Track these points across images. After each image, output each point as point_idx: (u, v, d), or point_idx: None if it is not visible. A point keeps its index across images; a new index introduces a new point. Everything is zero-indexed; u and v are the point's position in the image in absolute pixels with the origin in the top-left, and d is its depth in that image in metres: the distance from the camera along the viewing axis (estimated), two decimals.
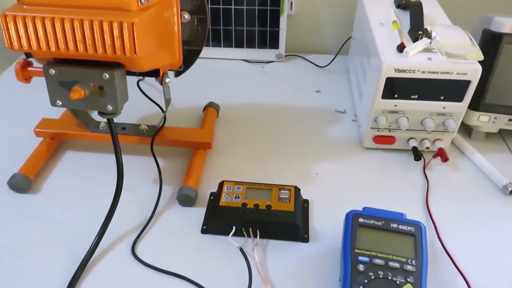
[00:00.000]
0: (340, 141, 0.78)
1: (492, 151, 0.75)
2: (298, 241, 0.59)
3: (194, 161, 0.68)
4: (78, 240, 0.59)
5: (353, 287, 0.48)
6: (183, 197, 0.63)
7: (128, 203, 0.64)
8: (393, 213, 0.56)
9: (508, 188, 0.66)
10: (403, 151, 0.75)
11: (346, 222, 0.55)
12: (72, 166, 0.71)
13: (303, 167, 0.72)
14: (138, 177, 0.69)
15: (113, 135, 0.57)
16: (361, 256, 0.51)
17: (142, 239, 0.59)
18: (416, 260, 0.50)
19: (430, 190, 0.67)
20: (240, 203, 0.60)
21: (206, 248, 0.58)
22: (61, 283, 0.53)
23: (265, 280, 0.54)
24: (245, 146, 0.76)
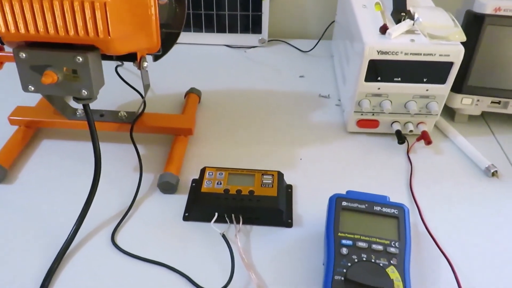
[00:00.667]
0: (324, 126, 0.77)
1: (475, 134, 0.75)
2: (282, 226, 0.59)
3: (175, 147, 0.67)
4: (55, 230, 0.57)
5: (337, 271, 0.47)
6: (164, 184, 0.61)
7: (107, 191, 0.63)
8: (376, 196, 0.55)
9: (491, 170, 0.67)
10: (386, 135, 0.74)
11: (329, 206, 0.54)
12: (49, 155, 0.69)
13: (286, 153, 0.71)
14: (118, 165, 0.67)
15: (89, 121, 0.56)
16: (344, 240, 0.50)
17: (122, 228, 0.58)
18: (399, 242, 0.50)
19: (414, 173, 0.67)
20: (222, 189, 0.59)
21: (188, 236, 0.57)
22: (38, 274, 0.52)
23: (248, 266, 0.53)
24: (228, 132, 0.75)
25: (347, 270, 0.47)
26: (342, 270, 0.47)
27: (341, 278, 0.47)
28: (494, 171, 0.66)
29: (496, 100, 0.73)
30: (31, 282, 0.51)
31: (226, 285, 0.50)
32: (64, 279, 0.52)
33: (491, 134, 0.76)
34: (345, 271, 0.47)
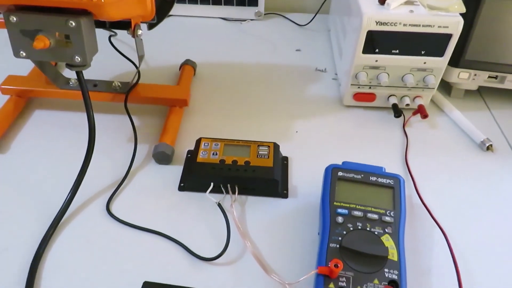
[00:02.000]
0: (320, 100, 0.76)
1: (471, 109, 0.75)
2: (277, 197, 0.59)
3: (170, 118, 0.66)
4: (49, 199, 0.57)
5: (332, 239, 0.48)
6: (159, 155, 0.61)
7: (101, 162, 0.62)
8: (372, 167, 0.55)
9: (486, 144, 0.67)
10: (383, 108, 0.74)
11: (325, 176, 0.54)
12: (42, 125, 0.68)
13: (282, 125, 0.70)
14: (111, 136, 0.66)
15: (83, 89, 0.54)
16: (340, 209, 0.50)
17: (117, 197, 0.58)
18: (394, 212, 0.50)
19: (409, 147, 0.67)
20: (218, 160, 0.58)
21: (183, 205, 0.57)
22: (33, 241, 0.51)
23: (243, 235, 0.53)
24: (223, 104, 0.74)
25: (343, 238, 0.47)
26: (337, 238, 0.48)
27: (336, 246, 0.47)
28: (489, 145, 0.66)
29: (493, 75, 0.73)
30: (26, 249, 0.51)
31: (222, 253, 0.51)
32: (59, 246, 0.52)
33: (487, 109, 0.76)
34: (341, 239, 0.47)
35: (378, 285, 0.44)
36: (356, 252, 0.46)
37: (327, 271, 0.44)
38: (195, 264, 0.50)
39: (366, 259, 0.46)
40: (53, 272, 0.49)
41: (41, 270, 0.49)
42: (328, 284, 0.44)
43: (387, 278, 0.45)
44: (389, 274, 0.45)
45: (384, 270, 0.45)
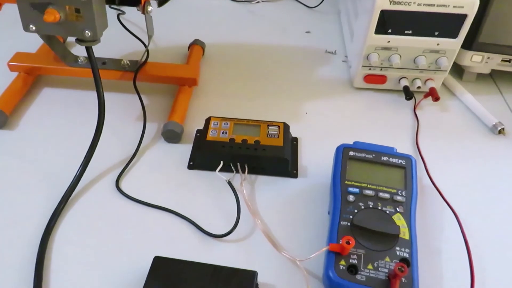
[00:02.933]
0: (330, 82, 0.75)
1: (483, 92, 0.74)
2: (287, 176, 0.58)
3: (179, 98, 0.66)
4: (59, 175, 0.56)
5: (343, 217, 0.47)
6: (169, 133, 0.60)
7: (110, 140, 0.62)
8: (383, 147, 0.55)
9: (497, 128, 0.66)
10: (393, 91, 0.73)
11: (336, 155, 0.54)
12: (50, 103, 0.67)
13: (292, 106, 0.70)
14: (120, 114, 0.66)
15: (92, 64, 0.54)
16: (351, 187, 0.50)
17: (126, 175, 0.57)
18: (406, 191, 0.50)
19: (420, 129, 0.67)
20: (228, 138, 0.58)
21: (192, 183, 0.57)
22: (44, 215, 0.51)
23: (253, 212, 0.53)
24: (233, 85, 0.73)
25: (354, 216, 0.47)
26: (348, 216, 0.47)
27: (348, 224, 0.47)
28: (501, 129, 0.66)
29: (506, 58, 0.72)
30: (36, 223, 0.51)
31: (232, 230, 0.50)
32: (70, 220, 0.52)
33: (499, 93, 0.75)
34: (352, 217, 0.47)
35: (389, 263, 0.44)
36: (368, 230, 0.46)
37: (338, 248, 0.44)
38: (205, 241, 0.50)
39: (377, 237, 0.46)
40: (63, 246, 0.49)
41: (51, 243, 0.49)
42: (339, 261, 0.44)
43: (399, 256, 0.44)
44: (401, 253, 0.45)
45: (396, 249, 0.45)
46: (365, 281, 0.43)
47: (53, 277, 0.46)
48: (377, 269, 0.43)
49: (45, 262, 0.47)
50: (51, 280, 0.46)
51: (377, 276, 0.43)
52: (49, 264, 0.47)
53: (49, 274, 0.46)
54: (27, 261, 0.47)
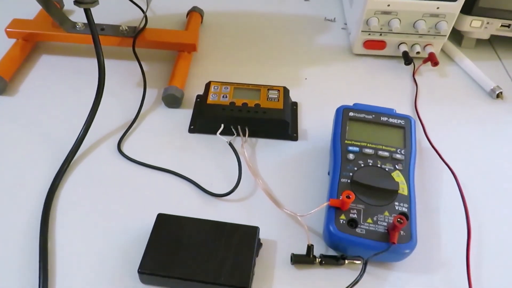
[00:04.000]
0: (329, 48, 0.75)
1: (482, 59, 0.74)
2: (287, 139, 0.59)
3: (179, 63, 0.65)
4: (61, 139, 0.57)
5: (343, 174, 0.48)
6: (169, 97, 0.61)
7: (110, 105, 0.62)
8: (383, 109, 0.55)
9: (495, 92, 0.66)
10: (392, 57, 0.73)
11: (336, 116, 0.54)
12: (49, 70, 0.67)
13: (291, 72, 0.70)
14: (120, 80, 0.66)
15: (91, 26, 0.54)
16: (351, 146, 0.51)
17: (127, 138, 0.58)
18: (405, 150, 0.51)
19: (419, 94, 0.67)
20: (228, 102, 0.58)
21: (193, 146, 0.57)
22: (47, 177, 0.52)
23: (254, 173, 0.53)
24: (232, 52, 0.73)
25: (354, 174, 0.48)
26: (348, 174, 0.48)
27: (347, 181, 0.48)
28: (499, 92, 0.66)
29: (506, 23, 0.71)
30: (40, 184, 0.51)
31: (234, 189, 0.51)
32: (73, 181, 0.52)
33: (497, 59, 0.75)
34: (351, 175, 0.48)
35: (388, 217, 0.45)
36: (367, 187, 0.47)
37: (338, 203, 0.45)
38: (207, 201, 0.51)
39: (376, 193, 0.46)
40: (67, 205, 0.50)
41: (56, 202, 0.50)
42: (339, 216, 0.45)
43: (397, 211, 0.45)
44: (399, 207, 0.46)
45: (394, 204, 0.46)
46: (364, 234, 0.44)
47: (58, 235, 0.47)
48: (376, 223, 0.44)
49: (51, 221, 0.48)
50: (57, 237, 0.47)
51: (376, 229, 0.44)
52: (54, 222, 0.48)
53: (55, 231, 0.47)
54: (33, 219, 0.48)
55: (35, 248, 0.45)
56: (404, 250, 0.43)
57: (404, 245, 0.43)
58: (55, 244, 0.46)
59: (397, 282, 0.45)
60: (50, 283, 0.43)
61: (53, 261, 0.45)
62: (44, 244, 0.45)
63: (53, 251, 0.45)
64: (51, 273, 0.44)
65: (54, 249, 0.46)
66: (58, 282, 0.43)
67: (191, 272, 0.42)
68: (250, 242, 0.44)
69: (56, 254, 0.45)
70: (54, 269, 0.44)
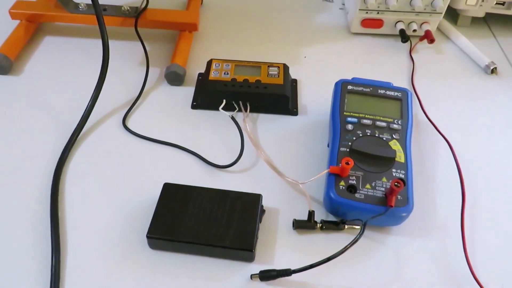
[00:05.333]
0: (327, 28, 0.77)
1: (477, 36, 0.76)
2: (287, 114, 0.60)
3: (180, 42, 0.67)
4: (66, 117, 0.58)
5: (342, 144, 0.50)
6: (172, 74, 0.62)
7: (114, 83, 0.63)
8: (380, 82, 0.57)
9: (490, 67, 0.68)
10: (389, 36, 0.75)
11: (335, 89, 0.56)
12: (53, 50, 0.68)
13: (290, 51, 0.71)
14: (122, 60, 0.67)
15: (96, 5, 0.55)
16: (349, 117, 0.52)
17: (132, 114, 0.59)
18: (402, 120, 0.52)
19: (416, 71, 0.69)
20: (230, 78, 0.60)
21: (196, 121, 0.59)
22: (54, 152, 0.54)
23: (256, 145, 0.55)
24: (232, 31, 0.75)
25: (352, 143, 0.50)
26: (347, 143, 0.50)
27: (347, 150, 0.49)
28: (494, 68, 0.68)
29: (500, 1, 0.73)
30: (49, 159, 0.53)
31: (237, 160, 0.53)
32: (81, 154, 0.54)
33: (492, 37, 0.77)
34: (350, 144, 0.50)
35: (386, 182, 0.47)
36: (365, 154, 0.48)
37: (338, 170, 0.47)
38: (210, 172, 0.53)
39: (374, 161, 0.48)
40: (76, 178, 0.51)
41: (64, 176, 0.51)
42: (339, 183, 0.47)
43: (395, 177, 0.47)
44: (397, 174, 0.47)
45: (392, 170, 0.48)
46: (363, 199, 0.45)
47: (68, 206, 0.49)
48: (375, 188, 0.46)
49: (60, 193, 0.50)
50: (67, 208, 0.48)
51: (374, 194, 0.46)
52: (63, 194, 0.50)
53: (64, 202, 0.49)
54: (43, 193, 0.49)
55: (45, 219, 0.47)
56: (401, 214, 0.45)
57: (401, 208, 0.45)
58: (65, 214, 0.48)
59: (394, 245, 0.47)
60: (62, 251, 0.45)
61: (64, 230, 0.46)
62: (55, 215, 0.47)
63: (64, 221, 0.47)
64: (63, 242, 0.45)
65: (64, 219, 0.47)
66: (70, 250, 0.45)
67: (197, 236, 0.44)
68: (254, 208, 0.46)
69: (67, 224, 0.47)
70: (65, 238, 0.46)
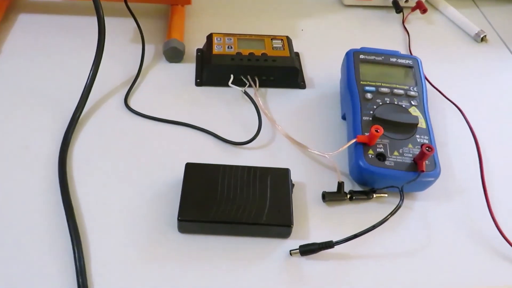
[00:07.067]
0: (321, 1, 0.75)
1: (461, 6, 0.77)
2: (296, 88, 0.59)
3: (174, 17, 0.63)
4: (60, 100, 0.53)
5: (364, 113, 0.49)
6: (171, 51, 0.58)
7: (109, 63, 0.58)
8: (389, 51, 0.56)
9: (480, 35, 0.70)
10: (381, 7, 0.75)
11: (347, 60, 0.55)
12: (31, 29, 0.62)
13: (286, 24, 0.69)
14: (114, 37, 0.62)
15: None
16: (367, 87, 0.52)
17: (133, 94, 0.55)
18: (417, 87, 0.52)
19: (411, 41, 0.69)
20: (235, 52, 0.57)
21: (203, 99, 0.56)
22: (54, 137, 0.49)
23: (272, 120, 0.53)
24: (224, 5, 0.71)
25: (374, 111, 0.49)
26: (369, 112, 0.49)
27: (369, 119, 0.49)
28: (484, 36, 0.70)
29: None
30: (48, 144, 0.48)
31: (256, 135, 0.51)
32: (84, 139, 0.49)
33: (475, 7, 0.79)
34: (372, 112, 0.49)
35: (412, 148, 0.47)
36: (389, 122, 0.48)
37: (366, 139, 0.46)
38: (227, 150, 0.50)
39: (398, 128, 0.48)
40: (83, 164, 0.47)
41: (70, 163, 0.47)
42: (367, 151, 0.46)
43: (419, 143, 0.47)
44: (421, 139, 0.48)
45: (416, 136, 0.48)
46: (393, 166, 0.45)
47: (80, 193, 0.44)
48: (403, 155, 0.46)
49: (69, 180, 0.45)
50: (79, 196, 0.44)
51: (404, 161, 0.46)
52: (72, 181, 0.45)
53: (75, 190, 0.45)
54: (50, 182, 0.45)
55: (58, 210, 0.43)
56: (431, 178, 0.45)
57: (431, 173, 0.45)
58: (79, 202, 0.44)
59: (421, 210, 0.47)
60: (84, 243, 0.41)
61: (82, 220, 0.42)
62: (69, 203, 0.43)
63: (79, 210, 0.43)
64: (82, 233, 0.41)
65: (79, 208, 0.43)
66: (92, 241, 0.41)
67: (232, 216, 0.41)
68: (284, 182, 0.44)
69: (83, 213, 0.43)
70: (84, 228, 0.42)
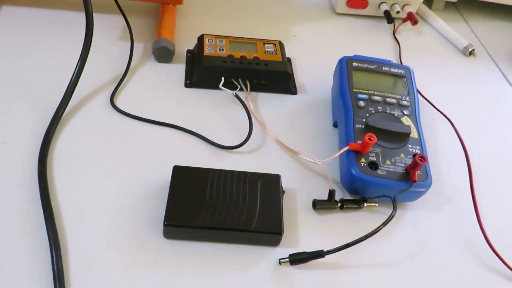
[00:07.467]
0: (313, 8, 0.75)
1: (450, 20, 0.78)
2: (287, 93, 0.58)
3: (165, 16, 0.61)
4: (43, 95, 0.51)
5: (356, 120, 0.49)
6: (161, 50, 0.57)
7: (96, 60, 0.56)
8: (381, 60, 0.56)
9: (469, 49, 0.71)
10: (373, 17, 0.75)
11: (340, 66, 0.54)
12: (14, 23, 0.60)
13: (278, 30, 0.69)
14: (102, 35, 0.60)
15: None
16: (360, 94, 0.51)
17: (120, 93, 0.53)
18: (409, 97, 0.52)
19: (402, 51, 0.69)
20: (226, 55, 0.56)
21: (192, 101, 0.54)
22: (35, 134, 0.46)
23: (262, 124, 0.52)
24: (217, 7, 0.70)
25: (367, 119, 0.49)
26: (361, 120, 0.49)
27: (362, 126, 0.48)
28: (472, 50, 0.71)
29: None
30: (28, 143, 0.46)
31: (246, 140, 0.49)
32: (66, 137, 0.47)
33: (463, 21, 0.80)
34: (365, 120, 0.48)
35: (404, 158, 0.46)
36: (381, 131, 0.48)
37: (358, 147, 0.45)
38: (217, 154, 0.49)
39: (390, 137, 0.47)
40: (65, 163, 0.45)
41: (51, 162, 0.45)
42: (359, 159, 0.45)
43: (411, 152, 0.47)
44: (413, 149, 0.47)
45: (408, 146, 0.47)
46: (385, 175, 0.45)
47: (61, 194, 0.42)
48: (395, 164, 0.45)
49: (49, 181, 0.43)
50: (59, 197, 0.42)
51: (396, 170, 0.45)
52: (52, 181, 0.43)
53: (56, 190, 0.42)
54: (29, 181, 0.42)
55: (36, 211, 0.40)
56: (422, 188, 0.45)
57: (423, 183, 0.45)
58: (59, 203, 0.41)
59: (412, 220, 0.47)
60: (63, 247, 0.38)
61: (61, 223, 0.40)
62: (47, 204, 0.40)
63: (59, 211, 0.41)
64: (62, 236, 0.39)
65: (59, 209, 0.41)
66: (71, 245, 0.39)
67: (220, 222, 0.40)
68: (275, 188, 0.43)
69: (63, 214, 0.41)
70: (63, 231, 0.40)
